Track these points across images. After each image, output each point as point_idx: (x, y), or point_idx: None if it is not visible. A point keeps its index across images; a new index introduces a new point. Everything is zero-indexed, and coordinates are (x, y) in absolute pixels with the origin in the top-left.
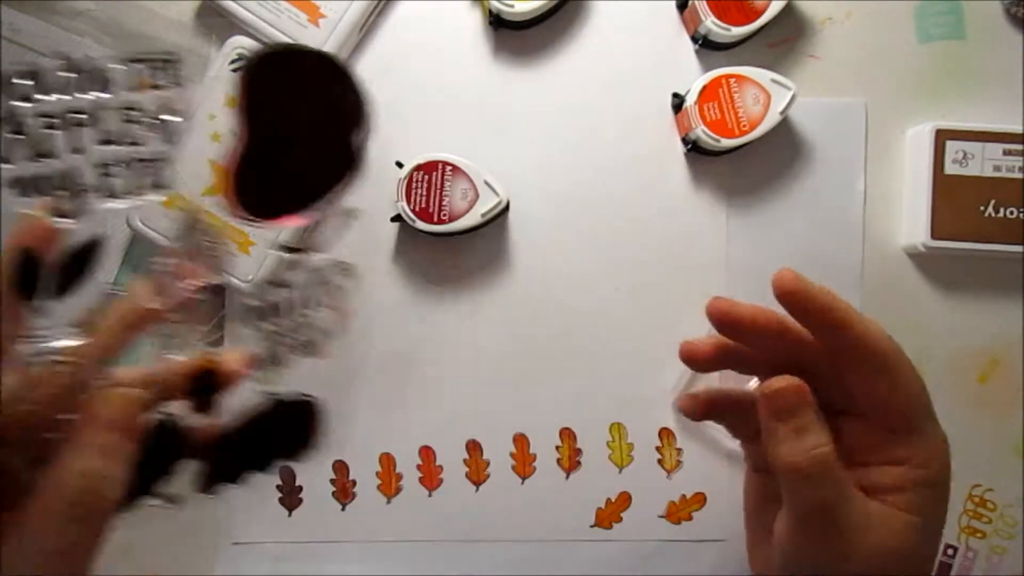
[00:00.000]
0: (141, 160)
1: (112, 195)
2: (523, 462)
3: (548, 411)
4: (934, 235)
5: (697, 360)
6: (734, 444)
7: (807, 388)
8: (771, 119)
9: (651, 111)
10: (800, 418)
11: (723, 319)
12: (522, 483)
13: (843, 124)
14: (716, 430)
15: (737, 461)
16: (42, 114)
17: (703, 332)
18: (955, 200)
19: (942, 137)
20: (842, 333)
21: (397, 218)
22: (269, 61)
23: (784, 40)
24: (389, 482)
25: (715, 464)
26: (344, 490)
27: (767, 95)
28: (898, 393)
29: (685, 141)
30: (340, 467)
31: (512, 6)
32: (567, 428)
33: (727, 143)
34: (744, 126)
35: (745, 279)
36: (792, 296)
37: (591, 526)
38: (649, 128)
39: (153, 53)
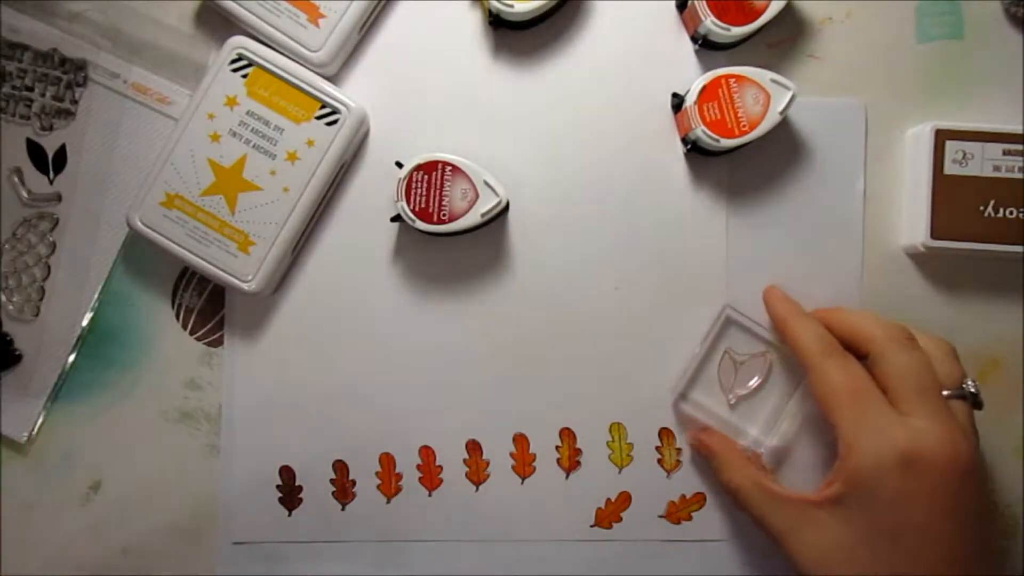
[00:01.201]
0: None
1: None
2: (523, 462)
3: (548, 411)
4: (934, 235)
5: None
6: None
7: (704, 441)
8: (771, 119)
9: (651, 111)
10: (714, 461)
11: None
12: (522, 483)
13: (843, 124)
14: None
15: None
16: None
17: (703, 332)
18: (955, 200)
19: (942, 137)
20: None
21: (397, 218)
22: None
23: (784, 40)
24: (389, 482)
25: None
26: (344, 490)
27: (767, 95)
28: (810, 386)
29: (685, 141)
30: (340, 467)
31: (512, 6)
32: (567, 428)
33: (727, 143)
34: (744, 126)
35: (745, 279)
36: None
37: (591, 526)
38: (649, 128)
39: None
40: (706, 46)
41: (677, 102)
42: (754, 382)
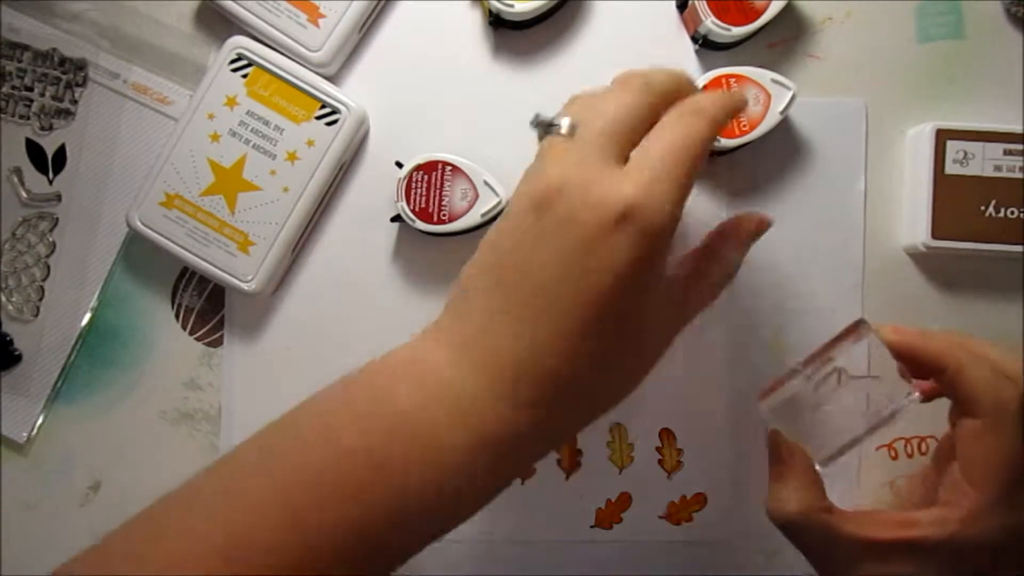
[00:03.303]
0: None
1: None
2: None
3: None
4: (934, 235)
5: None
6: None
7: (786, 445)
8: (771, 119)
9: None
10: (776, 467)
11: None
12: (522, 483)
13: (843, 124)
14: (716, 429)
15: (738, 461)
16: None
17: (702, 332)
18: (955, 200)
19: (942, 137)
20: (941, 378)
21: (397, 218)
22: None
23: (784, 40)
24: None
25: (715, 464)
26: None
27: (767, 95)
28: (971, 445)
29: None
30: None
31: (512, 6)
32: None
33: (727, 143)
34: (744, 126)
35: (745, 279)
36: (901, 350)
37: (591, 526)
38: None
39: None
40: (706, 46)
41: None
42: (848, 403)
